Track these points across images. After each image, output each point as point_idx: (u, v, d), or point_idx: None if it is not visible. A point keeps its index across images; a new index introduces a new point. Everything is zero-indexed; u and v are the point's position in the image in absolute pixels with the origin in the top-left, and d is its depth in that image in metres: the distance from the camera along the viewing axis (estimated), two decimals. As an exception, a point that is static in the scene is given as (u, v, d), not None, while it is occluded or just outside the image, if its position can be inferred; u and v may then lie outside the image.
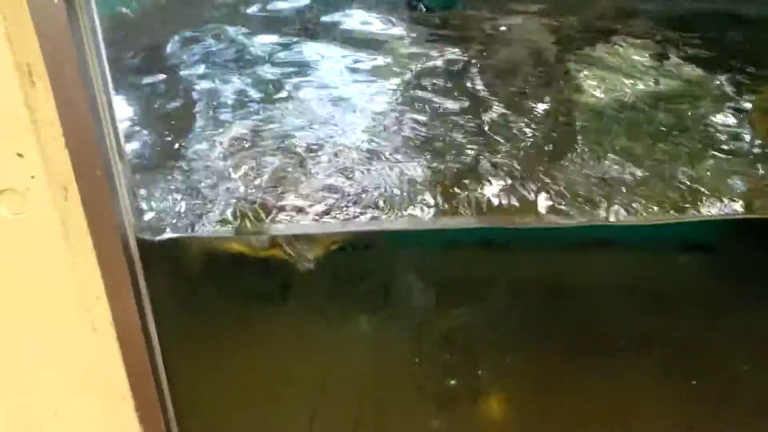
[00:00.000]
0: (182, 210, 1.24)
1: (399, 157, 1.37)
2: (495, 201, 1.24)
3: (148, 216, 1.22)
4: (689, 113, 1.49)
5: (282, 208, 1.24)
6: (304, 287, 1.25)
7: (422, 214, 1.22)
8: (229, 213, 1.22)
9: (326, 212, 1.24)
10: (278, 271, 1.23)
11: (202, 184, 1.30)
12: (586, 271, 1.27)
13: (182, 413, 1.39)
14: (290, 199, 1.26)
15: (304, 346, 1.33)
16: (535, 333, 1.31)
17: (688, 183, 1.28)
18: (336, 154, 1.38)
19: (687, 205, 1.22)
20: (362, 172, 1.32)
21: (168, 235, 1.17)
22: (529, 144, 1.39)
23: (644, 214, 1.21)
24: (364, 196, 1.27)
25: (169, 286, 1.25)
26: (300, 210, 1.24)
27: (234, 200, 1.25)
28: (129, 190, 1.13)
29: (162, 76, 1.69)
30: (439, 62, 1.73)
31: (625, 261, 1.26)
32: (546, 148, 1.38)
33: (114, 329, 1.16)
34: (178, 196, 1.27)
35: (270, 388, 1.40)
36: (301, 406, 1.41)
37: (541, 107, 1.51)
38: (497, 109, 1.51)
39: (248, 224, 1.20)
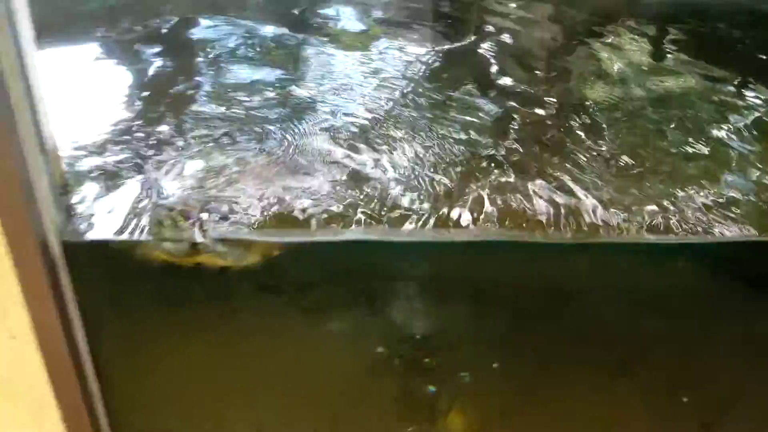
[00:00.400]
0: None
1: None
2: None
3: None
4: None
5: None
6: (238, 291, 1.18)
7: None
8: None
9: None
10: (210, 274, 1.16)
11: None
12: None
13: (116, 420, 1.32)
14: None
15: (239, 349, 1.26)
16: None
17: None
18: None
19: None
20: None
21: (94, 236, 1.08)
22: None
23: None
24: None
25: (100, 290, 1.16)
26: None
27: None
28: (53, 187, 1.04)
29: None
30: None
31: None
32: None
33: (34, 336, 1.08)
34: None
35: (206, 391, 1.32)
36: (235, 410, 1.34)
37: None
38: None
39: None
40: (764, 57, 1.81)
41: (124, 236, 1.10)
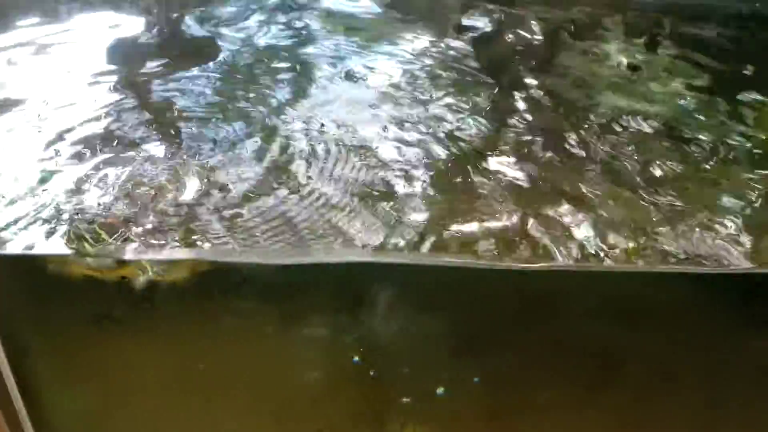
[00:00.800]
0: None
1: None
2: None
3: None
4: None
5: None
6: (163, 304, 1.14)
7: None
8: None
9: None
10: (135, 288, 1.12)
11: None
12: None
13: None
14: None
15: (165, 362, 1.22)
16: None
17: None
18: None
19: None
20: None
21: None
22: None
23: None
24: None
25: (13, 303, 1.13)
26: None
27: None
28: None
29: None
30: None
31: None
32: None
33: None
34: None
35: (133, 404, 1.29)
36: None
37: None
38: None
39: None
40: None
41: (36, 251, 1.06)
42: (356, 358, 1.18)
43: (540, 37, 1.80)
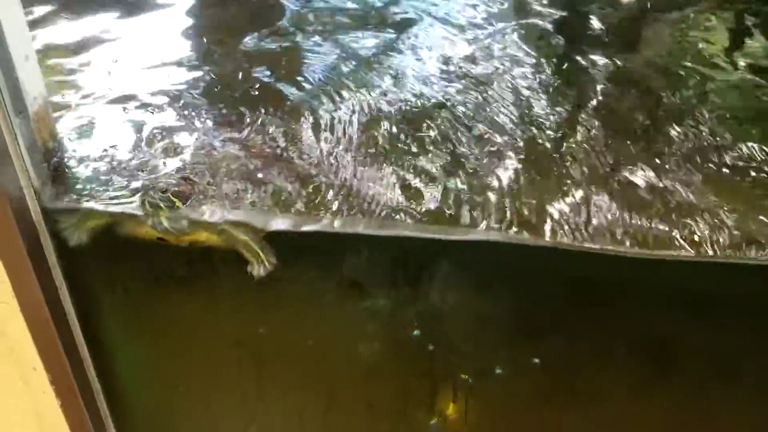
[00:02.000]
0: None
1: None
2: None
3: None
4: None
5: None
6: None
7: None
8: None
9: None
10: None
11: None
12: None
13: (110, 383, 1.33)
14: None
15: (228, 324, 1.24)
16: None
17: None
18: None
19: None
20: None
21: (74, 204, 1.06)
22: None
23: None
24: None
25: (87, 258, 1.15)
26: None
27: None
28: (32, 150, 1.02)
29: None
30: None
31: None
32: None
33: (15, 300, 1.07)
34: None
35: (202, 360, 1.31)
36: (234, 381, 1.32)
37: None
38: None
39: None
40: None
41: (108, 207, 1.08)
42: (416, 332, 1.18)
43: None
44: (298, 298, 1.18)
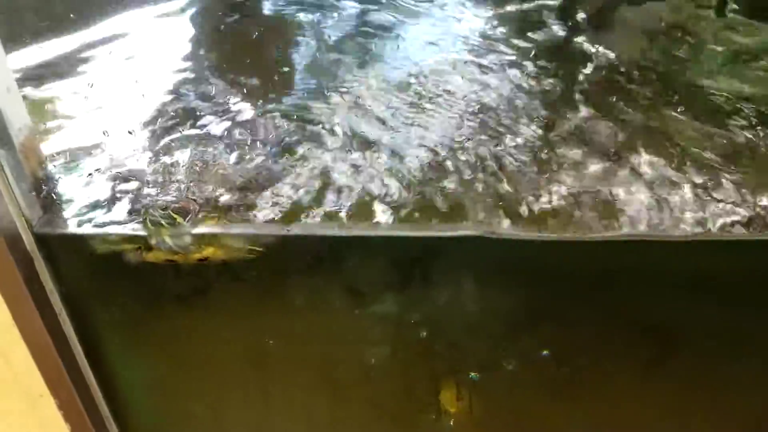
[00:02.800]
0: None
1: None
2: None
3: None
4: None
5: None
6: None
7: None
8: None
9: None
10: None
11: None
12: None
13: (118, 404, 1.34)
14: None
15: (230, 337, 1.25)
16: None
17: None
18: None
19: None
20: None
21: (68, 230, 1.08)
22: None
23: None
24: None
25: (83, 280, 1.17)
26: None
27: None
28: (19, 180, 1.04)
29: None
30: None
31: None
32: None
33: (16, 329, 1.09)
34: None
35: (205, 376, 1.32)
36: (242, 395, 1.34)
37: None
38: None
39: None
40: None
41: (103, 229, 1.10)
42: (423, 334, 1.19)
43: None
44: (305, 307, 1.20)
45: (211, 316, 1.23)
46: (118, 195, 1.15)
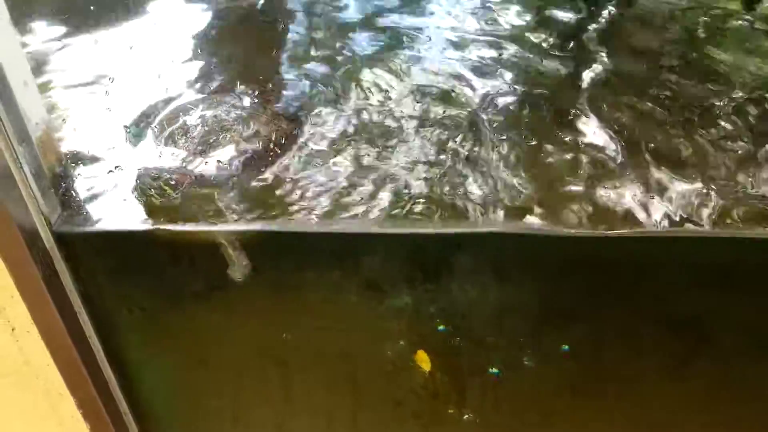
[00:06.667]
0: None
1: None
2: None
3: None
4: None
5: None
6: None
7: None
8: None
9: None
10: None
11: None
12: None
13: (138, 403, 1.33)
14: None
15: (248, 333, 1.23)
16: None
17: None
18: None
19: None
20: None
21: (88, 228, 1.05)
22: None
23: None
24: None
25: (103, 278, 1.14)
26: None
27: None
28: (38, 177, 1.01)
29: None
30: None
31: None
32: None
33: (36, 328, 1.07)
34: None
35: (225, 372, 1.30)
36: (261, 392, 1.32)
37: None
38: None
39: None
40: None
41: (120, 226, 1.07)
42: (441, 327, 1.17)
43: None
44: (324, 303, 1.17)
45: (230, 313, 1.21)
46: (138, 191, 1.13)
